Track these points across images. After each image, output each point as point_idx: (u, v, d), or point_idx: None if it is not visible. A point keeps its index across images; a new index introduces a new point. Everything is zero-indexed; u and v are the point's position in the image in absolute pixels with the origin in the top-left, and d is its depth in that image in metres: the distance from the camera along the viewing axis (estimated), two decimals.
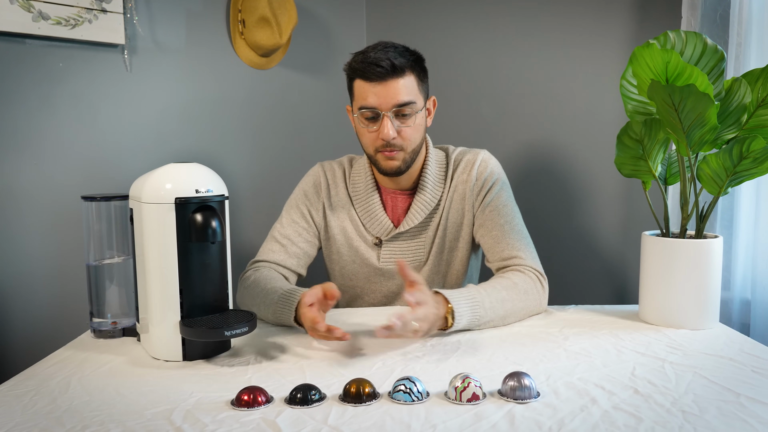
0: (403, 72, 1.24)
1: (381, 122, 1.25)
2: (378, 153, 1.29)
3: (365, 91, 1.25)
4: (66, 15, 1.42)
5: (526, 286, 1.23)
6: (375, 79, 1.23)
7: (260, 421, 0.78)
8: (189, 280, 1.00)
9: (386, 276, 1.39)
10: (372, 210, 1.37)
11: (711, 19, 1.56)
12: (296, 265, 1.36)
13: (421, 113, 1.30)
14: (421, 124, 1.31)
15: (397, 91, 1.24)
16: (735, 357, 1.01)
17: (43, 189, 1.46)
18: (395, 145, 1.27)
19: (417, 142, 1.30)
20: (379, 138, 1.26)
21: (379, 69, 1.22)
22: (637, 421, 0.76)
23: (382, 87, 1.23)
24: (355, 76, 1.27)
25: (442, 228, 1.37)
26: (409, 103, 1.25)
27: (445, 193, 1.37)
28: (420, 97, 1.29)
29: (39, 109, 1.44)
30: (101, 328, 1.14)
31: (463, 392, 0.82)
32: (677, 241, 1.17)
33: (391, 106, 1.24)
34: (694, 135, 1.10)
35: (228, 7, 1.77)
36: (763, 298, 1.49)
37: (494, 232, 1.32)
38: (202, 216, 0.98)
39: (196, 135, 1.73)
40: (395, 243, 1.38)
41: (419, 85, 1.29)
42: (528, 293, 1.22)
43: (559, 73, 1.87)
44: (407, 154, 1.29)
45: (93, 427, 0.76)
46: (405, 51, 1.27)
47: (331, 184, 1.41)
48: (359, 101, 1.27)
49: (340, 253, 1.41)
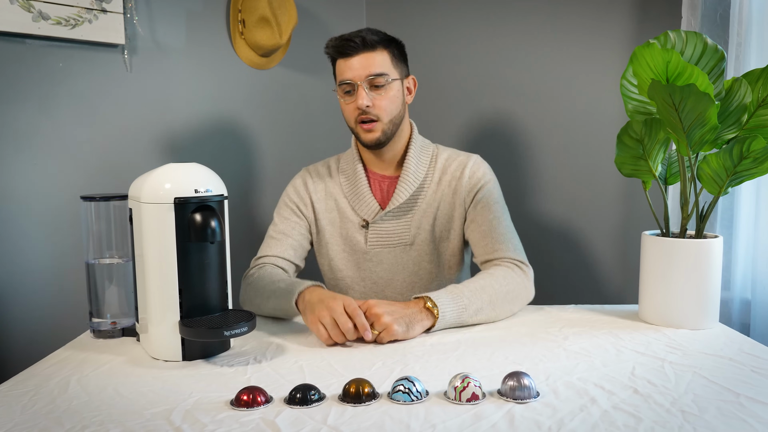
0: (375, 47, 1.33)
1: (356, 93, 1.34)
2: (358, 125, 1.36)
3: (342, 66, 1.35)
4: (66, 15, 1.42)
5: (505, 273, 1.28)
6: (349, 53, 1.33)
7: (259, 421, 0.78)
8: (188, 280, 1.00)
9: (374, 261, 1.44)
10: (360, 192, 1.43)
11: (711, 19, 1.56)
12: (294, 256, 1.42)
13: (395, 85, 1.36)
14: (396, 97, 1.37)
15: (370, 63, 1.32)
16: (735, 357, 1.01)
17: (42, 189, 1.46)
18: (371, 113, 1.34)
19: (393, 113, 1.37)
20: (355, 108, 1.34)
21: (352, 44, 1.32)
22: (637, 421, 0.76)
23: (356, 60, 1.33)
24: (335, 56, 1.36)
25: (430, 215, 1.42)
26: (382, 74, 1.33)
27: (430, 177, 1.42)
28: (394, 71, 1.36)
29: (39, 109, 1.44)
30: (100, 328, 1.14)
31: (462, 392, 0.82)
32: (677, 240, 1.17)
33: (364, 77, 1.32)
34: (695, 135, 1.10)
35: (228, 7, 1.76)
36: (763, 298, 1.49)
37: (483, 227, 1.37)
38: (202, 216, 0.98)
39: (196, 135, 1.73)
40: (382, 224, 1.42)
41: (393, 60, 1.36)
42: (507, 278, 1.26)
43: (560, 72, 1.87)
44: (384, 124, 1.36)
45: (92, 427, 0.76)
46: (378, 32, 1.36)
47: (316, 180, 1.48)
48: (338, 77, 1.37)
49: (329, 245, 1.46)
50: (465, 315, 1.17)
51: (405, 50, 1.41)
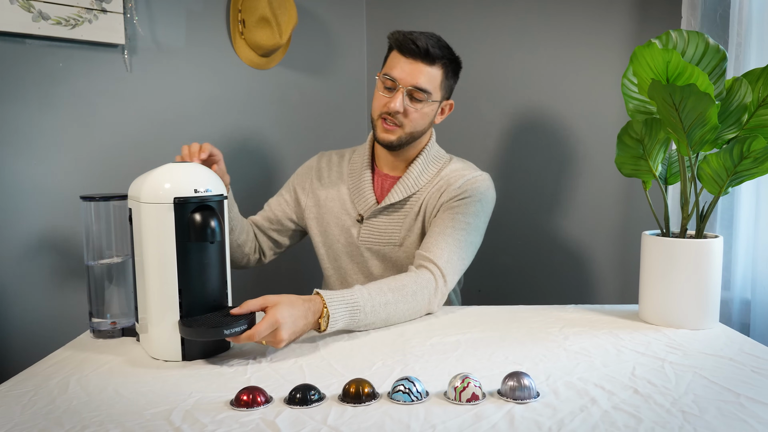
0: (434, 61, 1.33)
1: (395, 93, 1.33)
2: (380, 119, 1.37)
3: (395, 61, 1.34)
4: (66, 15, 1.42)
5: (416, 287, 1.21)
6: (407, 55, 1.32)
7: (259, 421, 0.77)
8: (188, 279, 1.00)
9: (366, 255, 1.45)
10: (361, 186, 1.45)
11: (711, 19, 1.56)
12: (267, 226, 1.52)
13: (432, 105, 1.37)
14: (428, 114, 1.37)
15: (421, 74, 1.32)
16: (735, 357, 1.01)
17: (42, 189, 1.46)
18: (397, 119, 1.35)
19: (418, 128, 1.38)
20: (387, 105, 1.34)
21: (413, 47, 1.31)
22: (637, 422, 0.76)
23: (409, 64, 1.32)
24: (394, 46, 1.35)
25: (420, 219, 1.41)
26: (426, 90, 1.33)
27: (430, 184, 1.42)
28: (438, 92, 1.37)
29: (39, 109, 1.44)
30: (100, 328, 1.14)
31: (462, 392, 0.82)
32: (677, 240, 1.17)
33: (408, 84, 1.32)
34: (695, 135, 1.10)
35: (228, 7, 1.76)
36: (763, 298, 1.49)
37: (436, 229, 1.33)
38: (201, 216, 0.98)
39: (196, 135, 1.73)
40: (374, 221, 1.43)
41: (443, 80, 1.37)
42: (416, 295, 1.21)
43: (560, 72, 1.87)
44: (405, 134, 1.37)
45: (92, 427, 0.76)
46: (445, 47, 1.35)
47: (324, 168, 1.53)
48: (387, 68, 1.37)
49: (327, 233, 1.48)
50: (350, 327, 1.13)
51: (460, 71, 1.41)
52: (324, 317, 1.09)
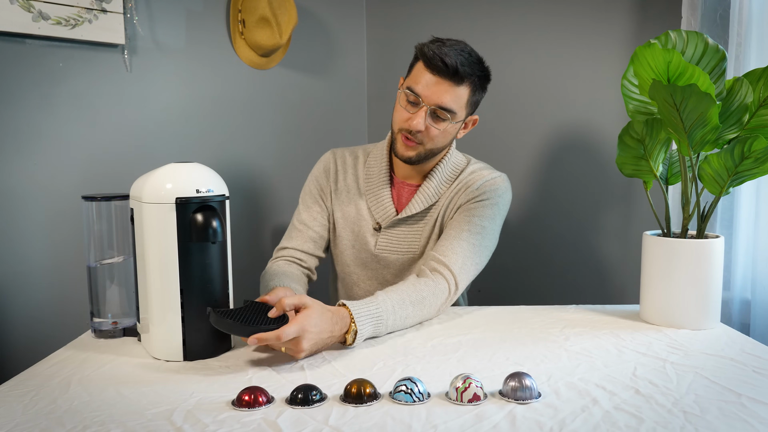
0: (461, 81, 1.26)
1: (418, 111, 1.28)
2: (400, 133, 1.32)
3: (419, 75, 1.27)
4: (66, 15, 1.42)
5: (434, 300, 1.21)
6: (434, 72, 1.25)
7: (261, 421, 0.77)
8: (190, 280, 0.99)
9: (381, 264, 1.43)
10: (380, 196, 1.41)
11: (711, 19, 1.56)
12: (313, 248, 1.43)
13: (455, 124, 1.32)
14: (450, 133, 1.33)
15: (446, 94, 1.26)
16: (736, 357, 1.01)
17: (43, 189, 1.46)
18: (417, 138, 1.30)
19: (439, 145, 1.34)
20: (408, 122, 1.29)
21: (441, 65, 1.23)
22: (639, 422, 0.76)
23: (436, 82, 1.25)
24: (421, 59, 1.27)
25: (439, 225, 1.40)
26: (450, 110, 1.28)
27: (449, 190, 1.40)
28: (463, 111, 1.31)
29: (39, 109, 1.44)
30: (102, 328, 1.14)
31: (464, 393, 0.82)
32: (678, 241, 1.17)
33: (432, 103, 1.26)
34: (696, 135, 1.10)
35: (228, 7, 1.76)
36: (763, 298, 1.49)
37: (451, 232, 1.31)
38: (203, 216, 0.98)
39: (197, 135, 1.73)
40: (393, 231, 1.41)
41: (470, 97, 1.30)
42: (431, 306, 1.20)
43: (560, 72, 1.87)
44: (425, 149, 1.32)
45: (93, 427, 0.76)
46: (476, 63, 1.28)
47: (340, 170, 1.46)
48: (411, 81, 1.29)
49: (341, 237, 1.45)
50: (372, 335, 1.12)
51: (488, 84, 1.34)
52: (351, 333, 1.06)
